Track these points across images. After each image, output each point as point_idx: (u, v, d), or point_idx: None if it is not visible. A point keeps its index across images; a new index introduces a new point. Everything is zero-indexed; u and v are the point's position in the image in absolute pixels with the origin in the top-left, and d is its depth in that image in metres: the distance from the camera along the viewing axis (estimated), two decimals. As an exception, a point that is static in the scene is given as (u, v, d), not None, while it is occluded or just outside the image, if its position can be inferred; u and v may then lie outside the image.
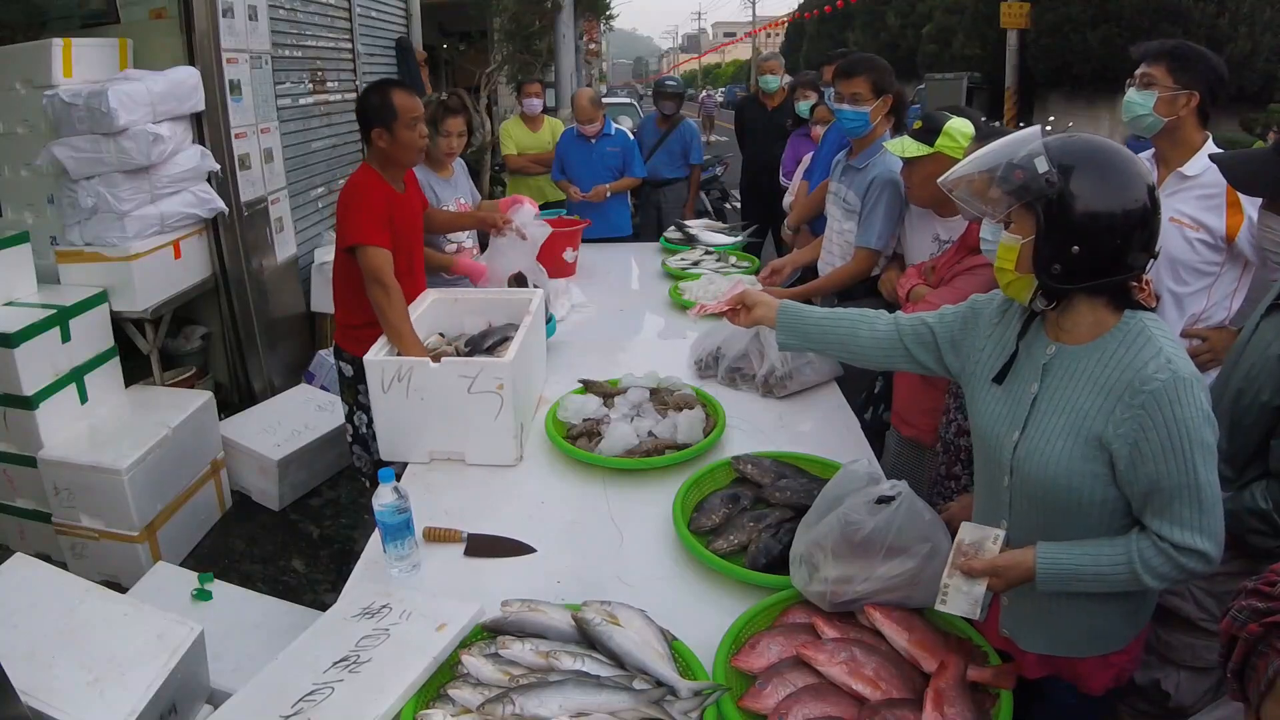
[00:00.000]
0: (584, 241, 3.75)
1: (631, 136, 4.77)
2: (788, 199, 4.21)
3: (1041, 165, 1.21)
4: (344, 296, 2.58)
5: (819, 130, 3.89)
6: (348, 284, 2.51)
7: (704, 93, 34.21)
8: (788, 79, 5.16)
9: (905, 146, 2.30)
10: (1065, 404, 1.28)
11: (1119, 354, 1.24)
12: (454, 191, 3.18)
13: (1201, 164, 2.01)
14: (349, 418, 2.71)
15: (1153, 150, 2.15)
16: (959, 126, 2.26)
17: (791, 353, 2.40)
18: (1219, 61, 2.06)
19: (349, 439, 2.74)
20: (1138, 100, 2.06)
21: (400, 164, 2.52)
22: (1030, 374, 1.34)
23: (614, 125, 4.66)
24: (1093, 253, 1.21)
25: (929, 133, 2.27)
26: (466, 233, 3.20)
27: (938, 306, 2.01)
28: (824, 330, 1.62)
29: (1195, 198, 2.03)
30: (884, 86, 2.71)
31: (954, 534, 1.36)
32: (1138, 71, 2.07)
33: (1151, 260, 1.25)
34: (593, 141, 4.53)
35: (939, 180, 1.41)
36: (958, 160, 2.07)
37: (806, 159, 3.98)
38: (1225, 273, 2.08)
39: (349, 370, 2.64)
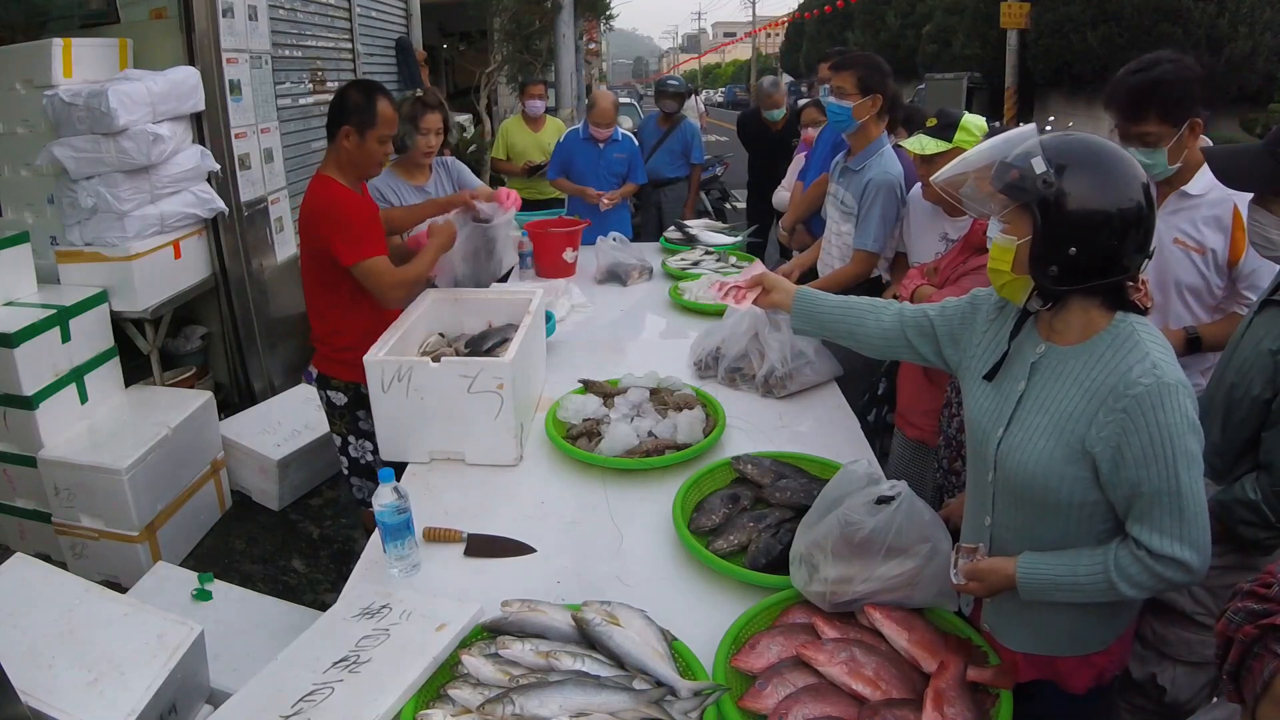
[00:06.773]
0: (585, 244, 3.76)
1: (634, 139, 4.77)
2: (781, 194, 4.22)
3: (1039, 165, 1.19)
4: (325, 315, 2.42)
5: (811, 133, 3.91)
6: (332, 301, 2.37)
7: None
8: (789, 90, 5.16)
9: (924, 144, 2.30)
10: (1049, 404, 1.28)
11: (1106, 357, 1.24)
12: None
13: (1205, 182, 1.88)
14: (343, 449, 2.56)
15: None
16: (975, 121, 2.28)
17: (790, 353, 2.41)
18: (1192, 62, 1.87)
19: (345, 470, 2.58)
20: (1148, 161, 1.84)
21: (359, 172, 2.38)
22: (1019, 372, 1.35)
23: (620, 131, 4.64)
24: (1089, 254, 1.20)
25: (945, 128, 2.28)
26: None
27: None
28: (835, 319, 1.68)
29: (1201, 218, 1.92)
30: (871, 85, 2.70)
31: (954, 532, 1.37)
32: (1132, 128, 1.85)
33: (1146, 260, 1.24)
34: (601, 146, 4.50)
35: (931, 179, 1.42)
36: None
37: (800, 158, 3.99)
38: (1233, 302, 1.95)
39: (341, 398, 2.47)
